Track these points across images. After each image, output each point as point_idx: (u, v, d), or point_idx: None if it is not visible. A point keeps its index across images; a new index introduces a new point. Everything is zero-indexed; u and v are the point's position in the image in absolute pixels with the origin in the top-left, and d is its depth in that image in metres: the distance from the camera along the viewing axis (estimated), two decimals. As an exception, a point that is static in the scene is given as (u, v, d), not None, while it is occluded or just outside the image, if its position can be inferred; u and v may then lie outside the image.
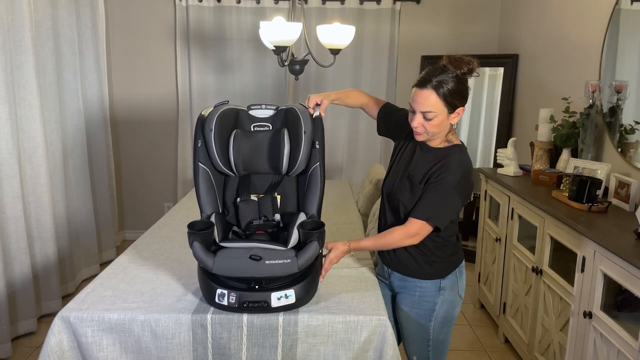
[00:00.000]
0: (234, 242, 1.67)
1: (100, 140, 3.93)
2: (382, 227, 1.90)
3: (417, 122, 1.67)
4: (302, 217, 1.73)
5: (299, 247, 1.64)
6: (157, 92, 4.40)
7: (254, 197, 1.83)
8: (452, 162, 1.69)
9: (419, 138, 1.72)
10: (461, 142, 1.78)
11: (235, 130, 1.79)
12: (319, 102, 1.86)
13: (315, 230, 1.64)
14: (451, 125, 1.72)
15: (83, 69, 3.70)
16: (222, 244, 1.65)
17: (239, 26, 4.26)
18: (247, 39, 4.28)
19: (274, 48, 2.67)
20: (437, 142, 1.76)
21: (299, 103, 1.89)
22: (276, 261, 1.58)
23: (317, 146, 1.78)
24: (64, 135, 3.45)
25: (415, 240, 1.72)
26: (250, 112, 1.84)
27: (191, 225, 1.61)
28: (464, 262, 1.88)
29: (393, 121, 1.93)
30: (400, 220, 1.78)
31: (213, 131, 1.71)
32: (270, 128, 1.83)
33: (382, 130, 1.98)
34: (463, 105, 1.66)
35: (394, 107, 1.97)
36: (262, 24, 2.59)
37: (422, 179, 1.72)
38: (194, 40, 4.28)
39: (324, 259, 1.78)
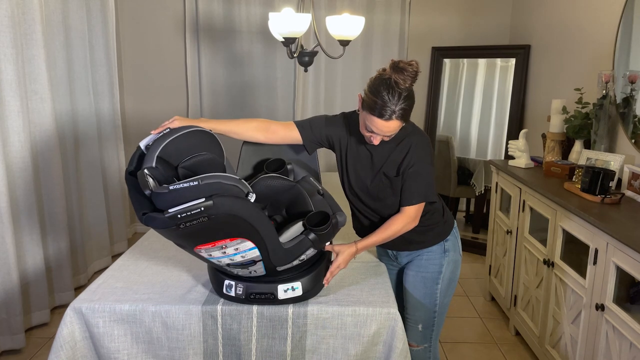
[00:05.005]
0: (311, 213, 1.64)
1: (111, 133, 3.95)
2: (366, 228, 1.90)
3: (378, 141, 1.68)
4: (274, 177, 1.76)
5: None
6: (166, 85, 4.41)
7: None
8: (415, 141, 1.74)
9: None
10: None
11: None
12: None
13: (282, 166, 1.80)
14: None
15: (93, 62, 3.72)
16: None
17: (248, 18, 4.25)
18: (256, 30, 4.27)
19: (283, 40, 2.66)
20: None
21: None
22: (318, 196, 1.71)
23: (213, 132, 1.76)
24: (75, 128, 3.47)
25: (416, 222, 1.79)
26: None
27: (310, 221, 1.57)
28: (455, 220, 1.98)
29: (323, 135, 1.85)
30: (386, 217, 1.81)
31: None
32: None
33: (313, 147, 1.88)
34: None
35: (305, 121, 1.88)
36: (271, 15, 2.58)
37: (397, 172, 1.75)
38: (204, 33, 4.27)
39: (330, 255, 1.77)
